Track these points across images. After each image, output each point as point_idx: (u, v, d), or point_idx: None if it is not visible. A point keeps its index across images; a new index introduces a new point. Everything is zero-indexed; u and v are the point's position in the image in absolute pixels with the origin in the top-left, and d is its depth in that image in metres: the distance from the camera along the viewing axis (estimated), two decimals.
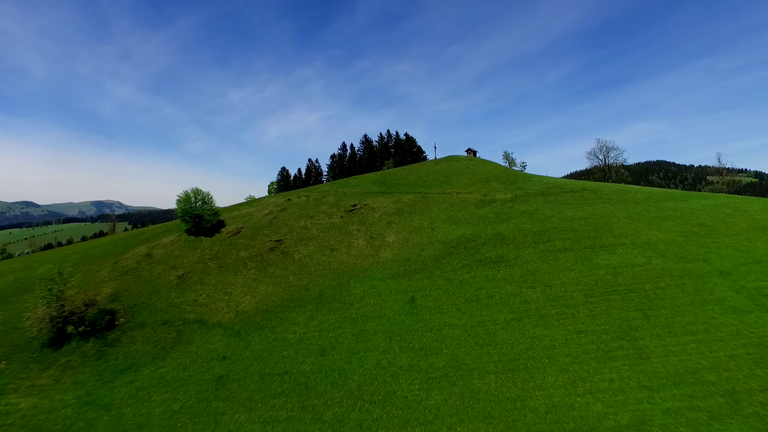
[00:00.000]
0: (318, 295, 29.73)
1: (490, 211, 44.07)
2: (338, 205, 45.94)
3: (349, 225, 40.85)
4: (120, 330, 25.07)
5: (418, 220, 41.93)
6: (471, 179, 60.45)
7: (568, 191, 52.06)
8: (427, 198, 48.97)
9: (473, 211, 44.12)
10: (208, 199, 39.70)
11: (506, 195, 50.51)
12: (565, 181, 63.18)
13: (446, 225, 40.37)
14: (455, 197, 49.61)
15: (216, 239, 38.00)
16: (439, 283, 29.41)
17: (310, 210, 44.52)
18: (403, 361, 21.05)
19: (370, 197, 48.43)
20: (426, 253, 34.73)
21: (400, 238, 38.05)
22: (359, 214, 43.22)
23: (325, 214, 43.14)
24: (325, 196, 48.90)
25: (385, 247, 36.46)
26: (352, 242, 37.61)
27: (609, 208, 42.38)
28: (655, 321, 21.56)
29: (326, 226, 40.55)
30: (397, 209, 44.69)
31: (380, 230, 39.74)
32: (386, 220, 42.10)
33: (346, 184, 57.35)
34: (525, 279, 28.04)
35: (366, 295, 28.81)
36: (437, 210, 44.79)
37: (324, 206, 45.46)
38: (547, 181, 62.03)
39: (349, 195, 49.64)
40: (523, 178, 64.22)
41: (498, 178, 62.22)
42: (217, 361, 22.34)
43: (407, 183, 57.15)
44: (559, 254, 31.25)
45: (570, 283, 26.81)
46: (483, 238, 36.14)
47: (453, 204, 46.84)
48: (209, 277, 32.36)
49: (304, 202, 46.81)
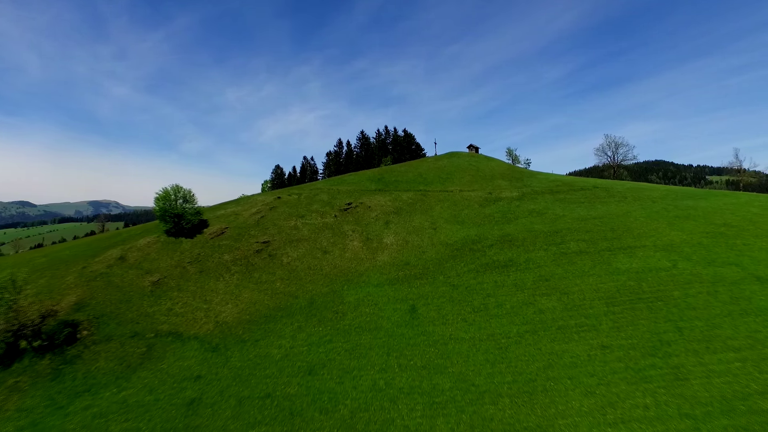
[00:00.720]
0: (308, 304, 27.41)
1: (496, 210, 41.91)
2: (332, 203, 43.61)
3: (344, 225, 38.55)
4: (82, 344, 22.63)
5: (419, 219, 39.70)
6: (474, 176, 58.30)
7: (579, 189, 50.03)
8: (427, 196, 46.76)
9: (478, 210, 41.94)
10: (190, 196, 37.25)
11: (512, 193, 48.40)
12: (573, 178, 61.23)
13: (449, 225, 38.16)
14: (458, 195, 47.44)
15: (197, 241, 35.55)
16: (443, 289, 27.18)
17: (301, 209, 42.16)
18: (403, 381, 18.80)
19: (366, 195, 46.15)
20: (427, 255, 32.50)
21: (399, 239, 35.79)
22: (354, 214, 40.93)
23: (318, 214, 40.80)
24: (318, 194, 46.53)
25: (382, 250, 34.19)
26: (347, 244, 35.32)
27: (624, 206, 40.35)
28: (690, 334, 19.44)
29: (318, 227, 38.22)
30: (396, 208, 42.44)
31: (377, 231, 37.47)
32: (384, 219, 39.84)
33: (341, 182, 55.02)
34: (538, 285, 25.87)
35: (361, 304, 26.52)
36: (439, 209, 42.58)
37: (317, 205, 43.10)
38: (554, 178, 60.00)
39: (344, 193, 47.33)
40: (528, 176, 62.17)
41: (503, 176, 60.13)
42: (189, 382, 19.96)
43: (406, 180, 54.92)
44: (575, 257, 29.13)
45: (589, 289, 24.67)
46: (489, 240, 33.96)
47: (456, 202, 44.66)
48: (187, 283, 29.93)
49: (295, 201, 44.44)
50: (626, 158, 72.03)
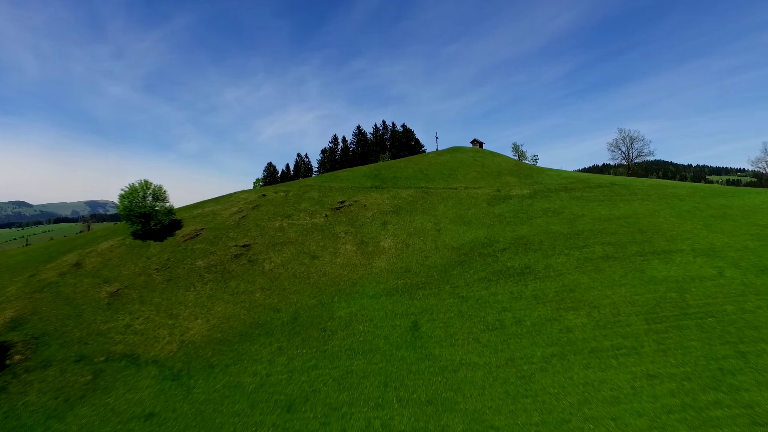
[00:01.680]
0: (291, 319, 24.13)
1: (506, 208, 38.81)
2: (323, 201, 40.32)
3: (336, 226, 35.28)
4: (10, 372, 19.25)
5: (420, 219, 36.52)
6: (480, 172, 55.22)
7: (595, 186, 47.07)
8: (429, 193, 43.60)
9: (486, 210, 38.82)
10: (161, 193, 33.85)
11: (523, 190, 45.33)
12: (588, 175, 58.29)
13: (455, 226, 35.01)
14: (463, 193, 44.32)
15: (168, 244, 32.16)
16: (450, 302, 23.98)
17: (288, 208, 38.84)
18: (405, 422, 15.57)
19: (361, 192, 42.92)
20: (431, 261, 29.32)
21: (398, 242, 32.59)
22: (348, 213, 37.68)
23: (307, 213, 37.51)
24: (308, 191, 43.24)
25: (379, 254, 30.97)
26: (339, 248, 32.07)
27: (649, 205, 37.38)
28: (757, 362, 16.34)
29: (307, 228, 34.93)
30: (395, 207, 39.23)
31: (373, 232, 34.24)
32: (381, 219, 36.62)
33: (334, 178, 51.73)
34: (562, 297, 22.74)
35: (354, 319, 23.27)
36: (443, 208, 39.42)
37: (306, 203, 39.80)
38: (567, 175, 57.04)
39: (336, 190, 44.07)
40: (538, 172, 59.18)
41: (511, 172, 57.09)
42: (138, 422, 16.63)
43: (406, 176, 51.73)
44: (601, 263, 26.04)
45: (622, 302, 21.57)
46: (502, 243, 30.82)
47: (461, 200, 41.53)
48: (152, 294, 26.57)
49: (281, 199, 41.11)
50: (642, 154, 69.28)
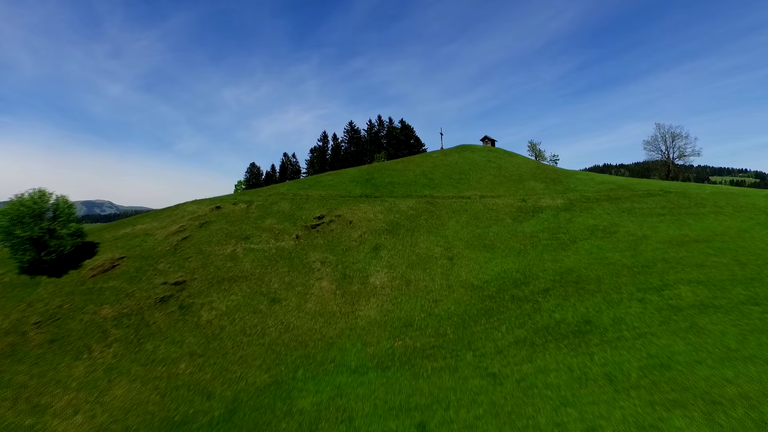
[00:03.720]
0: (225, 413, 16.44)
1: (539, 226, 31.48)
2: (295, 216, 32.75)
3: (309, 252, 27.70)
4: None
5: (425, 242, 29.09)
6: (496, 176, 48.01)
7: (644, 194, 39.98)
8: (436, 205, 36.20)
9: (512, 227, 31.47)
10: (64, 207, 26.12)
11: (555, 200, 38.09)
12: (627, 179, 51.25)
13: (473, 252, 27.60)
14: (479, 203, 36.98)
15: (67, 282, 24.38)
16: (475, 385, 16.44)
17: (247, 225, 31.21)
18: None
19: (347, 203, 35.45)
20: (442, 309, 21.84)
21: (395, 277, 25.10)
22: (328, 233, 30.17)
23: (272, 234, 29.90)
24: (277, 202, 35.64)
25: (368, 296, 23.45)
26: (311, 285, 24.49)
27: (728, 221, 30.22)
28: None
29: (269, 255, 27.30)
30: (391, 224, 31.77)
31: (361, 262, 26.74)
32: (372, 242, 29.14)
33: (315, 183, 44.22)
34: (654, 381, 15.26)
35: (323, 417, 15.65)
36: (454, 225, 32.03)
37: (272, 219, 32.18)
38: (602, 179, 50.00)
39: (315, 200, 36.54)
40: (566, 176, 52.11)
41: (534, 176, 49.95)
42: None
43: (405, 181, 44.35)
44: (698, 317, 18.63)
45: (758, 394, 14.20)
46: (542, 279, 23.42)
47: (478, 214, 34.17)
48: (18, 367, 18.73)
49: (241, 212, 33.48)
50: (685, 154, 62.56)
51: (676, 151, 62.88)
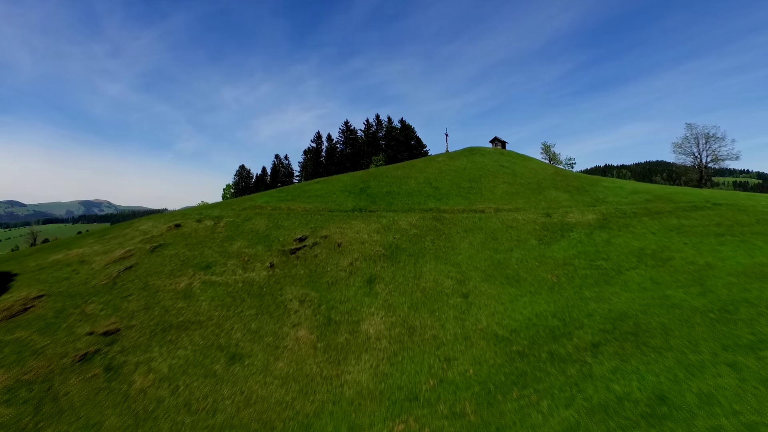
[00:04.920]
0: None
1: (571, 249, 26.61)
2: (271, 238, 27.79)
3: (285, 287, 22.71)
4: None
5: (433, 272, 24.18)
6: (512, 184, 43.20)
7: (688, 206, 35.17)
8: (444, 221, 31.31)
9: (539, 251, 26.60)
10: None
11: (586, 215, 33.24)
12: (662, 188, 46.46)
13: (492, 286, 22.68)
14: (495, 219, 32.10)
15: None
16: None
17: (210, 249, 26.22)
18: None
19: (336, 220, 30.53)
20: (458, 372, 16.91)
21: (395, 322, 20.16)
22: (310, 260, 25.21)
23: (240, 260, 24.92)
24: (251, 218, 30.68)
25: (358, 352, 18.50)
26: (284, 335, 19.51)
27: None
28: None
29: (234, 291, 22.30)
30: (389, 246, 26.86)
31: (350, 300, 21.80)
32: (365, 272, 24.21)
33: (300, 194, 39.28)
34: None
35: None
36: (467, 247, 27.15)
37: (242, 240, 27.22)
38: (632, 188, 45.22)
39: (297, 216, 31.59)
40: (590, 183, 47.34)
41: (554, 184, 45.16)
42: None
43: (407, 191, 39.47)
44: None
45: None
46: (587, 328, 18.53)
47: (495, 234, 29.28)
48: None
49: (205, 232, 28.51)
50: (719, 157, 57.81)
51: (710, 154, 58.15)
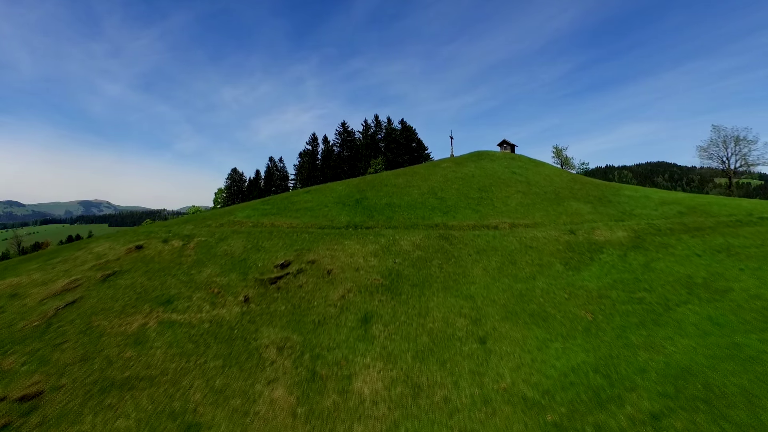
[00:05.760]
0: None
1: (606, 277, 22.99)
2: (248, 262, 24.12)
3: (262, 328, 19.04)
4: None
5: (441, 308, 20.54)
6: (526, 194, 39.62)
7: (730, 221, 31.59)
8: (452, 240, 27.69)
9: (567, 279, 22.98)
10: None
11: (615, 231, 29.63)
12: (692, 197, 42.86)
13: (515, 327, 19.04)
14: (512, 237, 28.50)
15: None
16: None
17: (174, 279, 22.53)
18: None
19: (327, 240, 26.91)
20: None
21: (396, 378, 16.50)
22: (293, 291, 21.56)
23: (208, 293, 21.25)
24: (226, 238, 27.01)
25: (349, 421, 14.83)
26: (256, 396, 15.84)
27: None
28: None
29: (198, 335, 18.63)
30: (388, 274, 23.22)
31: (340, 346, 18.14)
32: (359, 308, 20.59)
33: (287, 206, 35.56)
34: None
35: None
36: (481, 274, 23.51)
37: (213, 266, 23.54)
38: (660, 198, 41.63)
39: (281, 234, 27.94)
40: (612, 192, 43.80)
41: (573, 193, 41.60)
42: None
43: (408, 203, 35.84)
44: None
45: None
46: (642, 390, 14.89)
47: (513, 256, 25.66)
48: None
49: (171, 255, 24.83)
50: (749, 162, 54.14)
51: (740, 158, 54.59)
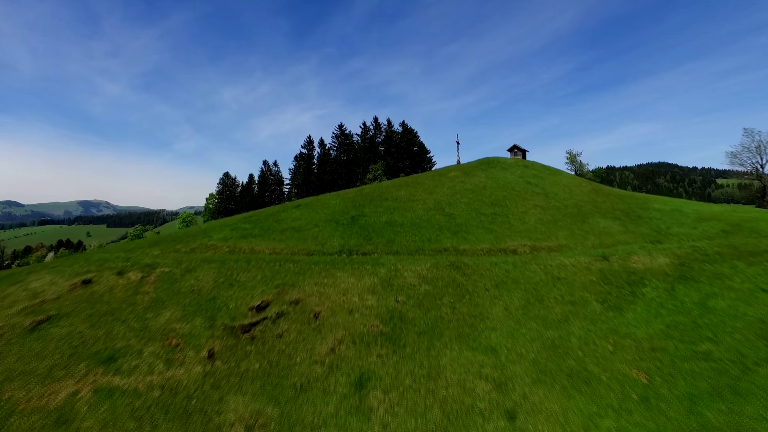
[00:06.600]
0: None
1: (656, 322, 19.18)
2: (217, 302, 20.29)
3: (228, 397, 15.18)
4: None
5: (457, 365, 16.69)
6: (545, 209, 35.84)
7: None
8: (465, 270, 23.87)
9: (608, 323, 19.16)
10: None
11: (655, 257, 25.82)
12: (730, 210, 39.05)
13: (550, 394, 15.21)
14: (534, 265, 24.69)
15: None
16: None
17: (124, 326, 18.69)
18: None
19: (315, 271, 23.09)
20: None
21: None
22: (270, 342, 17.72)
23: (163, 346, 17.41)
24: (195, 269, 23.16)
25: None
26: None
27: None
28: None
29: (141, 411, 14.74)
30: (389, 317, 19.39)
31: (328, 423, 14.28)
32: (353, 367, 16.75)
33: (271, 225, 31.72)
34: None
35: None
36: (502, 316, 19.71)
37: (174, 308, 19.70)
38: (695, 212, 37.88)
39: (261, 264, 24.06)
40: (639, 205, 40.05)
41: (596, 206, 37.83)
42: None
43: (412, 221, 32.04)
44: None
45: None
46: None
47: (538, 291, 21.86)
48: None
49: (124, 292, 20.98)
50: None
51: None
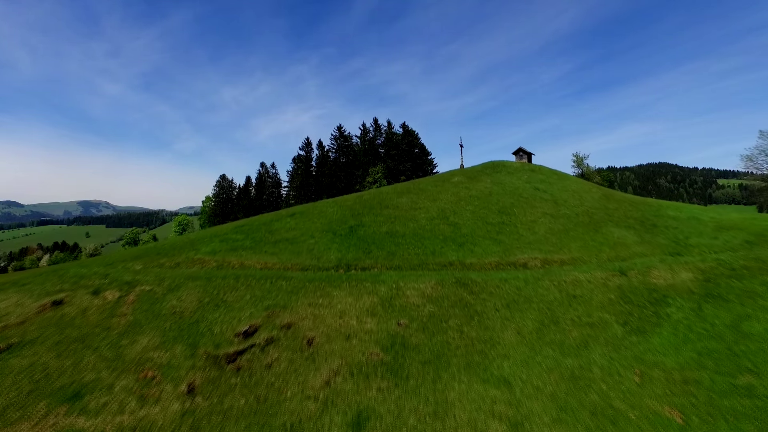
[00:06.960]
0: None
1: (686, 348, 17.52)
2: (200, 327, 18.65)
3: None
4: None
5: (466, 401, 15.04)
6: (555, 216, 34.20)
7: None
8: (472, 287, 22.21)
9: (632, 349, 17.49)
10: None
11: (677, 272, 24.15)
12: (750, 219, 37.39)
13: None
14: (547, 281, 23.03)
15: None
16: None
17: (95, 355, 17.06)
18: None
19: (309, 290, 21.44)
20: None
21: None
22: (257, 374, 16.09)
23: (137, 380, 15.77)
24: (179, 287, 21.52)
25: None
26: None
27: None
28: None
29: None
30: (390, 344, 17.74)
31: None
32: (350, 403, 15.12)
33: (266, 235, 30.09)
34: None
35: None
36: (515, 342, 18.07)
37: (151, 334, 18.07)
38: (713, 220, 36.22)
39: (251, 281, 22.41)
40: (653, 212, 38.41)
41: (609, 214, 36.19)
42: None
43: (414, 232, 30.40)
44: None
45: None
46: None
47: (552, 310, 20.22)
48: None
49: (99, 315, 19.36)
50: None
51: None
